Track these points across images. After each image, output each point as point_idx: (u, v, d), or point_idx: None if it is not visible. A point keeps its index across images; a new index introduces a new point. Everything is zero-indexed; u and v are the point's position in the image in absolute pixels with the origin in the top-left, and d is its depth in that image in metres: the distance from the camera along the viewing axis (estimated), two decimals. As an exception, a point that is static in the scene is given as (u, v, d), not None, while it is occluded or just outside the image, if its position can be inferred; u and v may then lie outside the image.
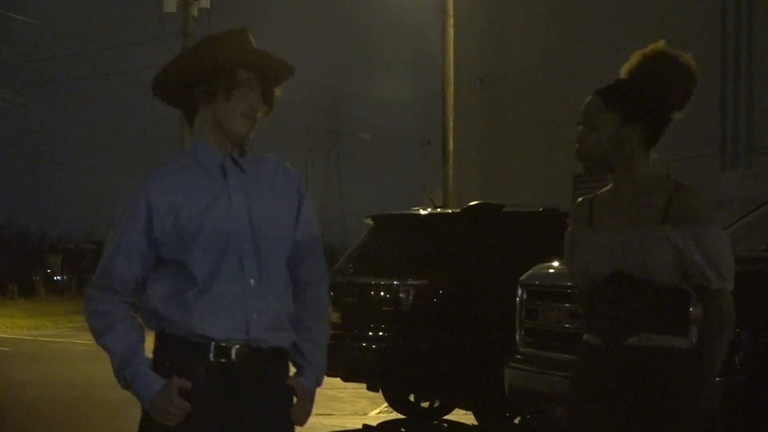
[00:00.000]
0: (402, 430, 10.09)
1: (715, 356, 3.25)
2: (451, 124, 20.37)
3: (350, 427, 9.90)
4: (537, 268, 7.61)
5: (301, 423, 3.22)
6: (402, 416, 10.36)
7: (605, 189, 3.43)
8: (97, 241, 70.57)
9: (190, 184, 3.10)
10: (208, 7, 28.96)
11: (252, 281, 3.08)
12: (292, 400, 3.19)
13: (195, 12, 28.66)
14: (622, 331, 3.24)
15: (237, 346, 3.06)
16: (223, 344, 3.05)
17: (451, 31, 20.47)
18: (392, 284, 9.42)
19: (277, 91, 3.20)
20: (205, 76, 3.09)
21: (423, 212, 10.36)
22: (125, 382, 3.07)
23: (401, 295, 9.35)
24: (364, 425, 10.05)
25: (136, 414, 3.18)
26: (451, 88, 20.42)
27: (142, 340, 3.12)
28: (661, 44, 3.36)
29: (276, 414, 3.15)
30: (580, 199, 3.51)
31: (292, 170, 3.27)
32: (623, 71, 3.38)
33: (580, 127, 3.34)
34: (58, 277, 57.25)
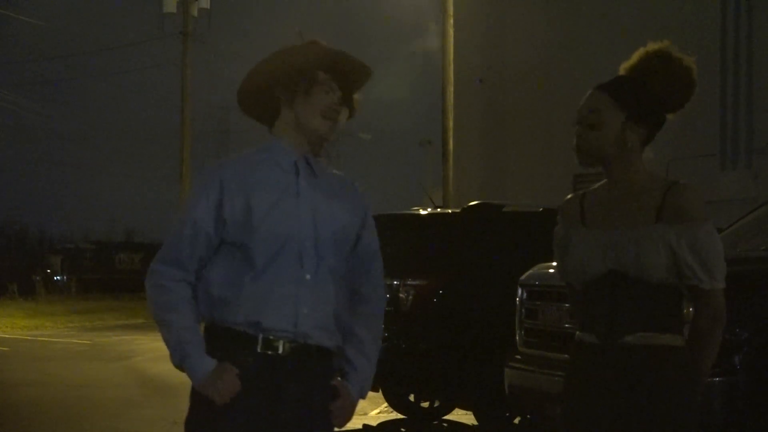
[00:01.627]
0: (402, 430, 10.09)
1: (707, 355, 3.26)
2: (451, 124, 20.36)
3: (350, 427, 9.88)
4: (537, 268, 7.61)
5: (341, 425, 3.26)
6: (402, 416, 10.36)
7: (597, 186, 3.41)
8: (97, 241, 70.56)
9: (262, 176, 3.20)
10: (208, 7, 29.00)
11: (308, 277, 3.16)
12: (332, 401, 3.24)
13: (195, 12, 28.70)
14: (619, 330, 3.23)
15: (284, 341, 3.13)
16: (271, 337, 3.12)
17: (451, 31, 20.46)
18: (392, 284, 9.42)
19: (358, 96, 3.31)
20: (285, 78, 3.20)
21: (423, 212, 10.36)
22: (182, 357, 3.12)
23: (401, 295, 9.35)
24: (364, 425, 10.06)
25: (136, 414, 3.19)
26: (451, 88, 20.41)
27: (200, 323, 3.19)
28: (666, 44, 3.35)
29: (316, 412, 3.20)
30: (569, 196, 3.49)
31: (360, 190, 3.39)
32: (625, 68, 3.35)
33: (578, 125, 3.31)
34: (58, 277, 57.24)
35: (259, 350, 3.12)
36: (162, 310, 3.16)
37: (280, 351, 3.12)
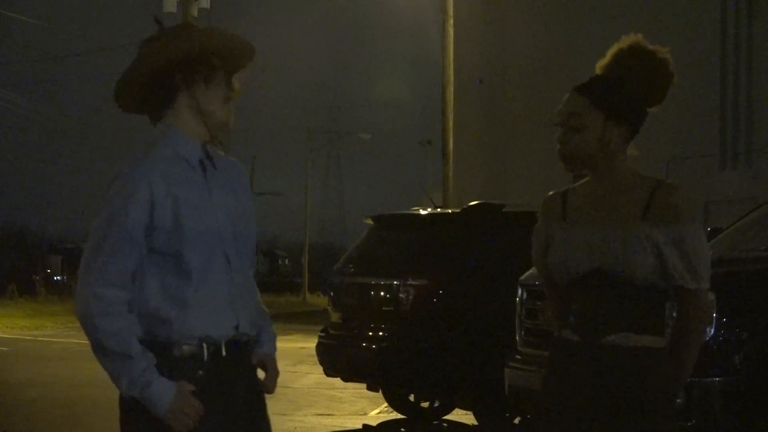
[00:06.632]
0: (402, 430, 10.09)
1: (690, 356, 3.25)
2: (451, 124, 20.36)
3: (350, 427, 9.90)
4: (537, 268, 7.60)
5: (272, 391, 3.25)
6: (402, 416, 10.36)
7: (579, 183, 3.39)
8: (97, 241, 70.37)
9: (180, 176, 3.06)
10: (208, 7, 28.99)
11: (237, 278, 3.10)
12: (260, 384, 3.23)
13: (195, 12, 28.68)
14: (601, 329, 3.22)
15: (224, 342, 3.08)
16: (215, 343, 3.06)
17: (451, 31, 20.45)
18: (392, 284, 9.42)
19: (236, 82, 3.15)
20: (185, 63, 3.05)
21: (423, 212, 10.36)
22: (143, 386, 2.97)
23: (401, 295, 9.35)
24: (364, 425, 10.05)
25: (136, 414, 3.16)
26: (451, 88, 20.40)
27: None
28: (638, 38, 3.34)
29: (258, 400, 3.20)
30: (551, 193, 3.46)
31: (242, 167, 3.27)
32: (600, 67, 3.35)
33: (561, 127, 3.30)
34: (58, 277, 57.20)
35: (206, 359, 3.04)
36: (120, 341, 2.96)
37: (224, 354, 3.07)
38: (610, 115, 3.24)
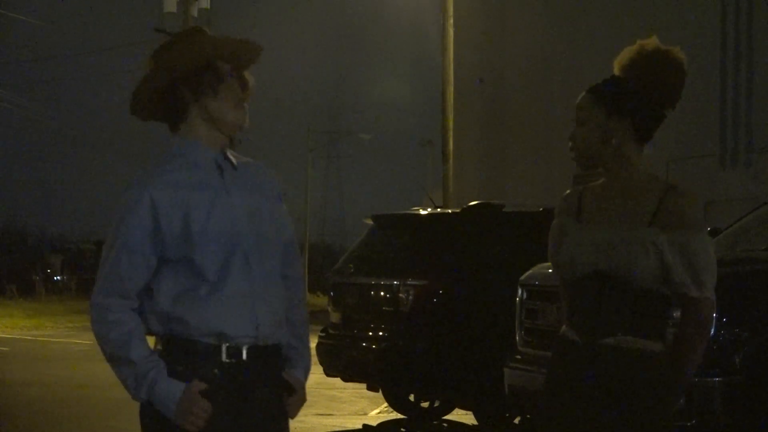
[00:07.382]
0: (402, 430, 10.10)
1: (689, 363, 3.25)
2: (451, 124, 20.35)
3: (350, 427, 9.91)
4: (537, 268, 7.61)
5: (294, 416, 3.24)
6: (402, 416, 10.37)
7: (596, 183, 3.42)
8: (97, 241, 70.57)
9: (190, 182, 3.07)
10: (208, 7, 28.98)
11: (258, 278, 3.09)
12: (285, 394, 3.22)
13: (195, 12, 28.67)
14: (600, 331, 3.23)
15: (246, 346, 3.08)
16: (235, 344, 3.06)
17: (451, 31, 20.44)
18: (392, 284, 9.42)
19: (250, 78, 3.17)
20: (190, 75, 3.08)
21: (423, 212, 10.37)
22: (149, 387, 3.01)
23: (401, 295, 9.36)
24: (364, 425, 10.06)
25: (136, 414, 3.16)
26: (451, 88, 20.39)
27: (151, 337, 3.10)
28: (652, 40, 3.37)
29: (278, 409, 3.18)
30: (568, 192, 3.48)
31: (273, 171, 3.29)
32: (615, 67, 3.38)
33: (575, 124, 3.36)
34: (58, 277, 57.24)
35: (224, 360, 3.05)
36: (118, 347, 3.02)
37: (244, 357, 3.07)
38: (611, 111, 3.28)
